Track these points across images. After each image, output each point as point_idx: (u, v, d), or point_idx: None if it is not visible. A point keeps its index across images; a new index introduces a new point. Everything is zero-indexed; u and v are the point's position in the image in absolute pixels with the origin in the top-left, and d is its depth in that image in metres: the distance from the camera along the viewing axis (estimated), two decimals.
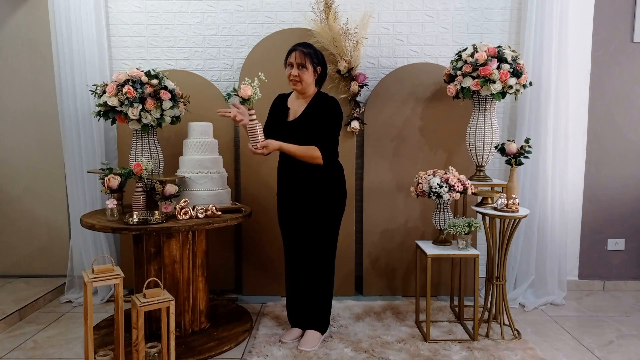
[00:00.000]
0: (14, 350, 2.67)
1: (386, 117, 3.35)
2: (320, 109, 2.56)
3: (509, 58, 2.75)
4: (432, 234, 3.33)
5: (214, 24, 3.45)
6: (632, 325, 3.00)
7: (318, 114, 2.55)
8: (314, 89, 2.62)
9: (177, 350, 2.39)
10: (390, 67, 3.43)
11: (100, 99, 2.80)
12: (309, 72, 2.54)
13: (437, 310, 3.15)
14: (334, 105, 2.58)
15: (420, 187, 2.74)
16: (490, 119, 2.90)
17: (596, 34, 3.41)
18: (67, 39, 3.23)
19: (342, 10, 3.25)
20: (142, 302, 2.08)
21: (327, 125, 2.54)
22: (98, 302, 3.32)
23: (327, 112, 2.55)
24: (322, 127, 2.54)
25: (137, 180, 2.72)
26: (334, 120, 2.56)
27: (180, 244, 2.65)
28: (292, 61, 2.54)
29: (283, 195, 2.70)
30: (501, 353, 2.57)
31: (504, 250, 2.75)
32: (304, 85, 2.56)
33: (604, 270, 3.60)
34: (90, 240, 3.32)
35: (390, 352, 2.58)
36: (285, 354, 2.56)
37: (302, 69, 2.53)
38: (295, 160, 2.55)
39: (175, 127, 3.15)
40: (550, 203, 3.29)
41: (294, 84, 2.56)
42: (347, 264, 3.38)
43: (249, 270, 3.42)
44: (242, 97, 2.47)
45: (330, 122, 2.55)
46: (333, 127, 2.56)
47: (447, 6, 3.42)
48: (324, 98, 2.61)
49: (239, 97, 2.49)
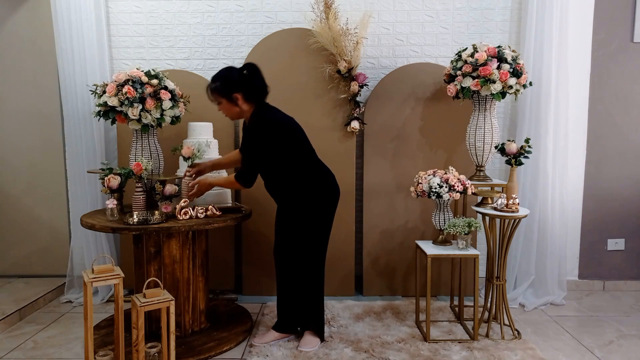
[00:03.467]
0: (14, 350, 2.67)
1: (386, 117, 3.35)
2: (245, 134, 2.54)
3: (509, 58, 2.75)
4: (432, 234, 3.33)
5: (214, 24, 3.45)
6: (632, 325, 3.00)
7: (243, 139, 2.56)
8: (248, 109, 2.51)
9: (177, 350, 2.38)
10: (390, 67, 3.43)
11: (100, 99, 2.80)
12: (225, 104, 2.50)
13: (437, 310, 3.15)
14: (254, 126, 2.46)
15: (420, 187, 2.74)
16: (490, 119, 2.90)
17: (596, 34, 3.41)
18: (68, 39, 3.23)
19: (342, 10, 3.25)
20: (142, 302, 2.08)
21: (243, 146, 2.52)
22: (98, 302, 3.32)
23: (248, 136, 2.49)
24: (243, 152, 2.53)
25: (137, 180, 2.72)
26: (249, 140, 2.46)
27: (180, 244, 2.65)
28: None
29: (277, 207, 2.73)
30: (501, 353, 2.57)
31: (504, 250, 2.75)
32: (230, 117, 2.57)
33: (604, 270, 3.60)
34: (90, 240, 3.32)
35: (390, 352, 2.58)
36: (285, 354, 2.56)
37: (219, 105, 2.53)
38: (266, 183, 2.63)
39: (175, 127, 3.15)
40: (550, 203, 3.29)
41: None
42: (347, 264, 3.38)
43: (249, 270, 3.42)
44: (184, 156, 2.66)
45: (245, 142, 2.50)
46: (248, 146, 2.48)
47: (447, 6, 3.42)
48: (251, 121, 2.51)
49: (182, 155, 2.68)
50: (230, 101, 2.48)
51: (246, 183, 2.50)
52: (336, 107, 3.31)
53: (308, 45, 3.24)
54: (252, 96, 2.49)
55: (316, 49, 3.23)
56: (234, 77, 2.47)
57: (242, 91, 2.46)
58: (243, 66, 2.52)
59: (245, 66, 2.51)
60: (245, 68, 2.50)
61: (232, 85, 2.46)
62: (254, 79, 2.49)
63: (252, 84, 2.48)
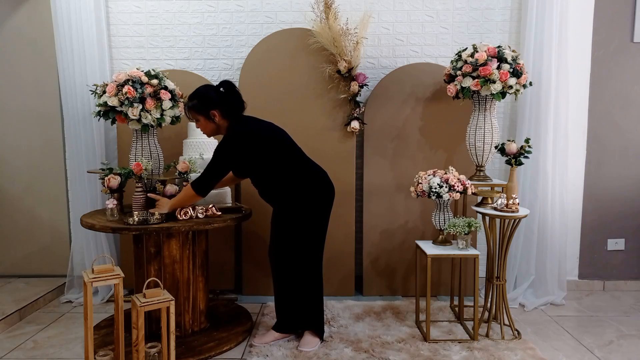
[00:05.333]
0: (14, 350, 2.67)
1: (386, 117, 3.35)
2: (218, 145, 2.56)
3: (509, 58, 2.75)
4: (432, 234, 3.33)
5: (214, 24, 3.45)
6: (632, 325, 3.00)
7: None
8: (225, 125, 2.55)
9: (177, 350, 2.38)
10: (390, 67, 3.43)
11: (100, 99, 2.80)
12: (203, 122, 2.54)
13: (437, 310, 3.15)
14: (225, 139, 2.51)
15: (420, 187, 2.74)
16: (490, 119, 2.90)
17: (596, 34, 3.41)
18: (68, 39, 3.23)
19: (342, 10, 3.25)
20: (142, 302, 2.08)
21: (212, 157, 2.52)
22: (98, 302, 3.32)
23: (217, 146, 2.53)
24: (210, 161, 2.54)
25: (137, 180, 2.72)
26: (217, 151, 2.50)
27: (180, 244, 2.65)
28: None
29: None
30: (501, 353, 2.58)
31: (504, 250, 2.75)
32: (208, 133, 2.60)
33: (604, 270, 3.60)
34: (90, 240, 3.32)
35: (390, 352, 2.58)
36: (285, 354, 2.56)
37: (197, 122, 2.57)
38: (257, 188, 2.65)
39: (175, 127, 3.15)
40: (550, 203, 3.29)
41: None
42: (347, 264, 3.38)
43: (249, 270, 3.42)
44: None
45: (214, 153, 2.52)
46: (214, 156, 2.50)
47: (447, 6, 3.42)
48: (226, 133, 2.55)
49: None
50: (207, 118, 2.53)
51: (201, 191, 2.52)
52: (336, 107, 3.31)
53: (308, 45, 3.24)
54: (229, 112, 2.54)
55: (316, 49, 3.23)
56: (211, 95, 2.53)
57: (219, 108, 2.52)
58: (219, 84, 2.57)
59: (222, 84, 2.56)
60: (222, 85, 2.55)
61: (210, 102, 2.51)
62: (230, 95, 2.55)
63: (229, 101, 2.54)
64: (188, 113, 2.57)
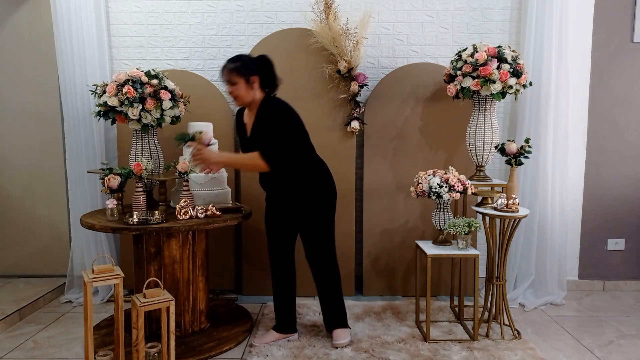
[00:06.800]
0: (14, 350, 2.67)
1: (386, 117, 3.35)
2: (264, 118, 2.49)
3: (509, 58, 2.75)
4: (432, 234, 3.33)
5: (214, 24, 3.45)
6: (632, 325, 3.00)
7: (263, 124, 2.50)
8: (260, 96, 2.52)
9: (177, 350, 2.38)
10: (390, 67, 3.43)
11: (100, 99, 2.81)
12: (242, 86, 2.47)
13: (437, 310, 3.15)
14: (276, 112, 2.48)
15: (420, 187, 2.74)
16: (490, 119, 2.90)
17: (596, 34, 3.41)
18: (68, 39, 3.23)
19: (342, 10, 3.25)
20: (142, 302, 2.08)
21: (270, 132, 2.46)
22: (98, 302, 3.32)
23: (269, 120, 2.46)
24: (267, 135, 2.47)
25: (137, 180, 2.72)
26: (276, 126, 2.45)
27: (180, 244, 2.65)
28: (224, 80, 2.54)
29: (270, 206, 2.72)
30: (501, 353, 2.58)
31: (504, 250, 2.75)
32: (242, 100, 2.52)
33: (604, 270, 3.60)
34: (90, 240, 3.32)
35: (390, 352, 2.58)
36: (285, 354, 2.56)
37: (233, 86, 2.48)
38: (267, 175, 2.57)
39: (175, 127, 3.14)
40: (550, 203, 3.29)
41: (234, 101, 2.56)
42: (347, 264, 3.38)
43: (249, 270, 3.42)
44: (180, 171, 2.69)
45: (272, 129, 2.45)
46: (276, 132, 2.45)
47: (447, 6, 3.42)
48: (266, 106, 2.51)
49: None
50: (246, 82, 2.48)
51: (273, 164, 2.45)
52: (336, 107, 3.31)
53: (308, 45, 3.24)
54: (267, 83, 2.53)
55: (316, 49, 3.23)
56: (255, 61, 2.52)
57: (260, 75, 2.50)
58: (259, 56, 2.56)
59: (261, 57, 2.56)
60: (262, 58, 2.55)
61: (253, 67, 2.49)
62: (270, 67, 2.54)
63: (270, 72, 2.53)
64: (227, 75, 2.48)
